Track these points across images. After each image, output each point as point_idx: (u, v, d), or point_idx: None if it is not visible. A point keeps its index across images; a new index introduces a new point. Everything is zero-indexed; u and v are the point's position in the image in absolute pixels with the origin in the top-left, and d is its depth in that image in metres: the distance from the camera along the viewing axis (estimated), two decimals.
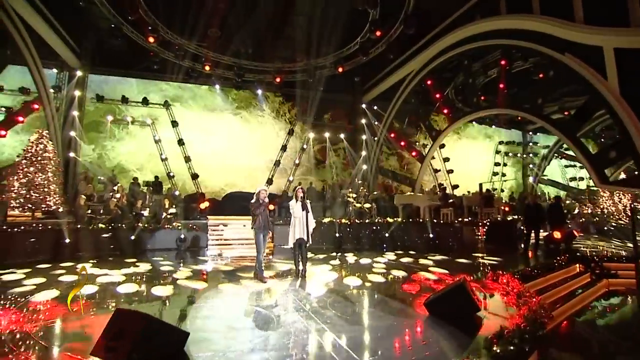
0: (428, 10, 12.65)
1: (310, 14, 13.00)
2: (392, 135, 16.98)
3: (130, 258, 8.78)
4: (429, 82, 14.19)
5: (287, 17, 13.80)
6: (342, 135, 18.96)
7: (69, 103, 14.48)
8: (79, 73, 14.75)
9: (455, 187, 19.84)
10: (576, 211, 16.53)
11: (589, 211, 15.16)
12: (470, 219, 11.41)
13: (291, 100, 18.19)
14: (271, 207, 14.40)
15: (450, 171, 19.70)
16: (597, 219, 13.59)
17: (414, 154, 15.88)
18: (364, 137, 18.75)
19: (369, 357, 3.26)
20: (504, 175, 21.39)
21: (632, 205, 11.50)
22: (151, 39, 12.04)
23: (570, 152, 16.32)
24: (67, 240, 8.78)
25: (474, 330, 3.59)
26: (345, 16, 12.57)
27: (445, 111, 14.47)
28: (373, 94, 18.81)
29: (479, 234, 11.26)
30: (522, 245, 9.48)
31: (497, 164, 21.19)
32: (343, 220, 12.50)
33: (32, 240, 8.39)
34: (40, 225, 8.71)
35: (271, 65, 15.33)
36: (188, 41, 13.17)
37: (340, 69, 14.40)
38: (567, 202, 17.08)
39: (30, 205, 9.83)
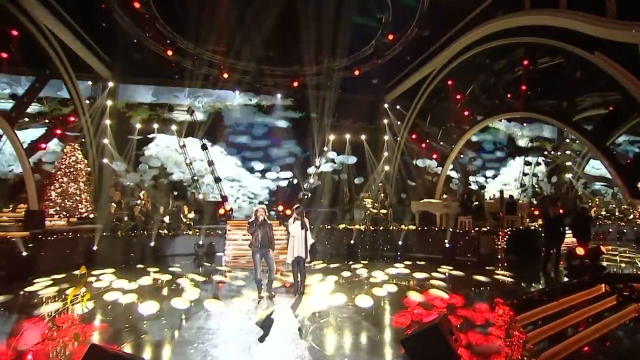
0: (447, 7, 12.06)
1: (325, 18, 12.86)
2: (414, 136, 16.52)
3: (149, 266, 9.29)
4: (449, 82, 13.58)
5: (302, 21, 13.76)
6: (363, 137, 18.72)
7: (101, 112, 15.48)
8: (110, 84, 15.71)
9: (482, 187, 19.02)
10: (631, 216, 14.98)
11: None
12: (488, 228, 10.86)
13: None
14: (288, 212, 14.75)
15: (476, 171, 18.89)
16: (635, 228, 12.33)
17: (435, 156, 15.34)
18: (385, 137, 18.43)
19: None
20: (535, 175, 20.07)
21: None
22: (169, 52, 12.54)
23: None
24: (95, 248, 9.49)
25: None
26: (361, 19, 12.31)
27: (466, 113, 13.81)
28: (396, 93, 18.32)
29: (499, 243, 10.72)
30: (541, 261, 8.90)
31: (527, 164, 19.84)
32: (357, 227, 12.44)
33: (65, 248, 9.16)
34: (71, 233, 9.46)
35: (288, 70, 15.41)
36: (206, 51, 13.56)
37: (356, 72, 14.16)
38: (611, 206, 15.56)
39: (65, 213, 10.75)
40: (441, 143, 17.63)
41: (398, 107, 18.89)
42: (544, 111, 10.01)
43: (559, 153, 19.68)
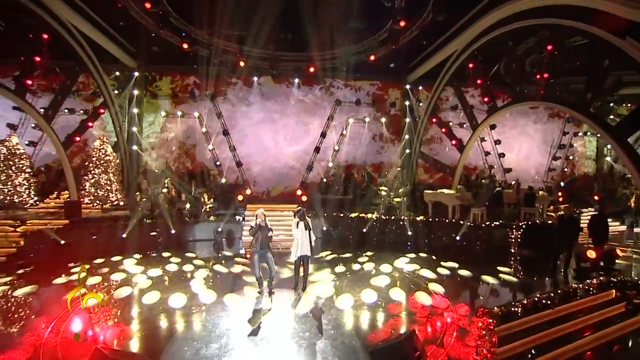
0: None
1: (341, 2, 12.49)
2: (434, 120, 16.02)
3: (170, 253, 10.16)
4: (470, 65, 12.88)
5: (319, 4, 13.46)
6: (383, 120, 18.41)
7: (129, 101, 16.30)
8: (136, 73, 16.39)
9: (508, 170, 18.27)
10: None
11: None
12: (501, 221, 10.60)
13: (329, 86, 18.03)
14: (304, 198, 15.14)
15: (501, 155, 18.07)
16: None
17: (454, 142, 14.86)
18: (407, 120, 18.02)
19: None
20: (568, 158, 18.88)
21: None
22: (185, 45, 12.84)
23: None
24: (124, 235, 10.48)
25: None
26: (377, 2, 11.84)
27: (486, 99, 13.10)
28: (418, 73, 17.62)
29: (512, 237, 10.51)
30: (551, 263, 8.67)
31: (561, 147, 18.64)
32: (369, 216, 12.62)
33: (99, 236, 10.21)
34: (104, 222, 10.49)
35: (304, 55, 15.26)
36: (220, 39, 13.73)
37: (372, 57, 13.74)
38: None
39: (98, 202, 11.83)
40: (465, 125, 16.93)
41: (420, 87, 18.29)
42: (563, 101, 9.32)
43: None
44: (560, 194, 16.01)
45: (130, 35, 15.38)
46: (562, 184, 18.12)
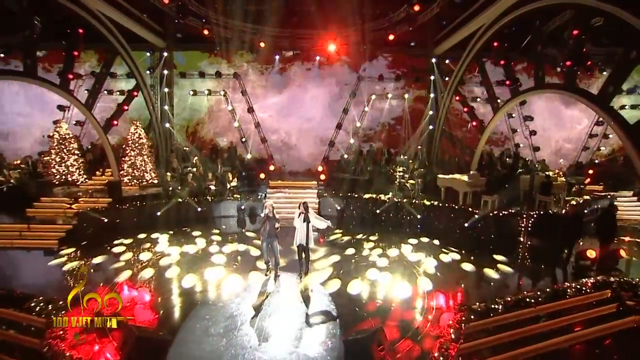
0: None
1: None
2: (457, 98, 15.51)
3: (196, 230, 11.41)
4: (495, 44, 12.21)
5: None
6: (406, 96, 18.05)
7: (160, 81, 17.24)
8: (165, 54, 17.15)
9: (536, 149, 17.54)
10: None
11: None
12: (511, 210, 10.62)
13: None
14: (322, 177, 15.73)
15: (532, 132, 17.25)
16: None
17: (474, 123, 14.46)
18: (431, 95, 17.54)
19: None
20: (606, 137, 17.58)
21: None
22: (205, 32, 13.25)
23: None
24: (158, 213, 11.87)
25: None
26: None
27: (507, 82, 12.43)
28: (445, 46, 16.80)
29: (522, 226, 10.58)
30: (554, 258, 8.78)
31: (599, 123, 17.30)
32: (382, 197, 13.05)
33: (137, 214, 11.68)
34: (140, 201, 11.91)
35: (324, 33, 15.09)
36: (241, 22, 13.94)
37: (391, 36, 13.35)
38: None
39: (135, 181, 13.28)
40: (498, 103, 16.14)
41: (447, 61, 17.50)
42: (583, 92, 8.76)
43: None
44: (591, 172, 15.23)
45: (156, 17, 15.94)
46: (596, 161, 17.17)
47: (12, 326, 5.59)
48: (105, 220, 10.74)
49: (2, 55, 13.88)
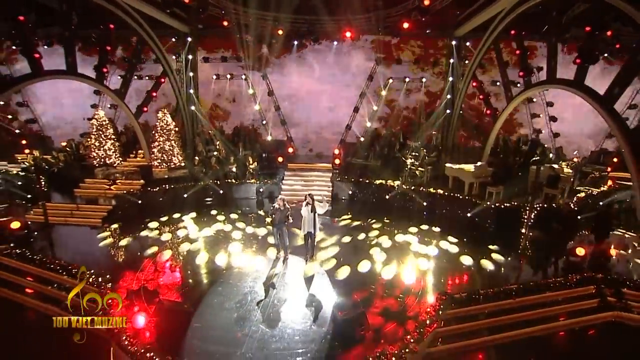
0: None
1: None
2: (474, 84, 15.39)
3: (218, 211, 12.66)
4: (512, 32, 12.01)
5: None
6: (424, 80, 18.01)
7: (185, 66, 18.12)
8: (189, 39, 17.90)
9: (556, 135, 17.25)
10: None
11: None
12: (514, 203, 10.95)
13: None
14: (337, 161, 16.39)
15: (553, 119, 16.91)
16: None
17: (488, 112, 14.43)
18: (450, 79, 17.40)
19: None
20: None
21: None
22: (225, 23, 13.83)
23: None
24: (185, 195, 13.19)
25: None
26: None
27: (521, 74, 12.22)
28: (467, 28, 16.41)
29: (526, 218, 10.92)
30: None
31: (632, 107, 16.54)
32: (392, 183, 13.64)
33: (166, 196, 13.03)
34: (167, 185, 13.24)
35: (343, 17, 15.23)
36: (258, 10, 14.35)
37: (406, 24, 13.32)
38: None
39: (164, 164, 14.60)
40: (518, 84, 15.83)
41: (468, 43, 17.13)
42: (588, 90, 8.71)
43: None
44: (615, 160, 14.92)
45: (179, 4, 16.51)
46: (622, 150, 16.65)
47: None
48: (140, 202, 12.15)
49: (45, 47, 15.10)
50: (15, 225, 9.09)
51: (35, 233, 9.99)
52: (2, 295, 7.31)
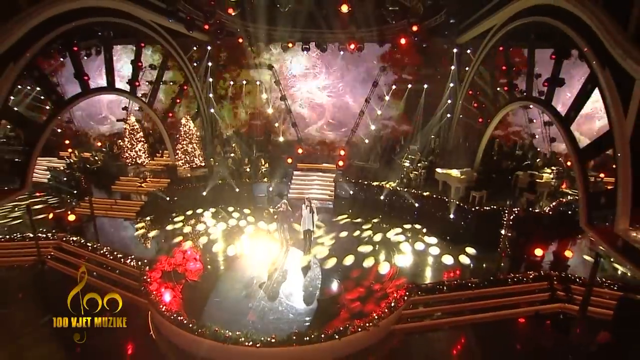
0: None
1: None
2: (470, 92, 16.45)
3: (234, 207, 14.53)
4: (500, 48, 13.10)
5: None
6: (425, 86, 19.10)
7: (205, 73, 19.86)
8: (208, 48, 19.63)
9: (552, 140, 18.10)
10: None
11: None
12: (494, 207, 12.12)
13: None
14: (341, 163, 17.88)
15: (548, 123, 17.73)
16: None
17: (480, 120, 15.54)
18: (450, 84, 18.42)
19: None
20: None
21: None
22: (240, 40, 15.57)
23: None
24: (204, 193, 15.10)
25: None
26: None
27: (505, 89, 13.29)
28: (469, 36, 17.33)
29: (505, 221, 12.12)
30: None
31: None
32: (387, 185, 15.05)
33: (188, 194, 14.97)
34: (190, 183, 15.17)
35: (349, 30, 16.52)
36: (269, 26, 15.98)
37: (403, 40, 14.56)
38: None
39: (187, 165, 16.56)
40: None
41: (469, 50, 18.05)
42: (556, 115, 9.84)
43: None
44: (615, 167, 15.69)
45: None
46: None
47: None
48: (167, 198, 14.15)
49: (85, 57, 17.22)
50: (72, 217, 11.20)
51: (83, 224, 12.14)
52: (65, 272, 9.42)
